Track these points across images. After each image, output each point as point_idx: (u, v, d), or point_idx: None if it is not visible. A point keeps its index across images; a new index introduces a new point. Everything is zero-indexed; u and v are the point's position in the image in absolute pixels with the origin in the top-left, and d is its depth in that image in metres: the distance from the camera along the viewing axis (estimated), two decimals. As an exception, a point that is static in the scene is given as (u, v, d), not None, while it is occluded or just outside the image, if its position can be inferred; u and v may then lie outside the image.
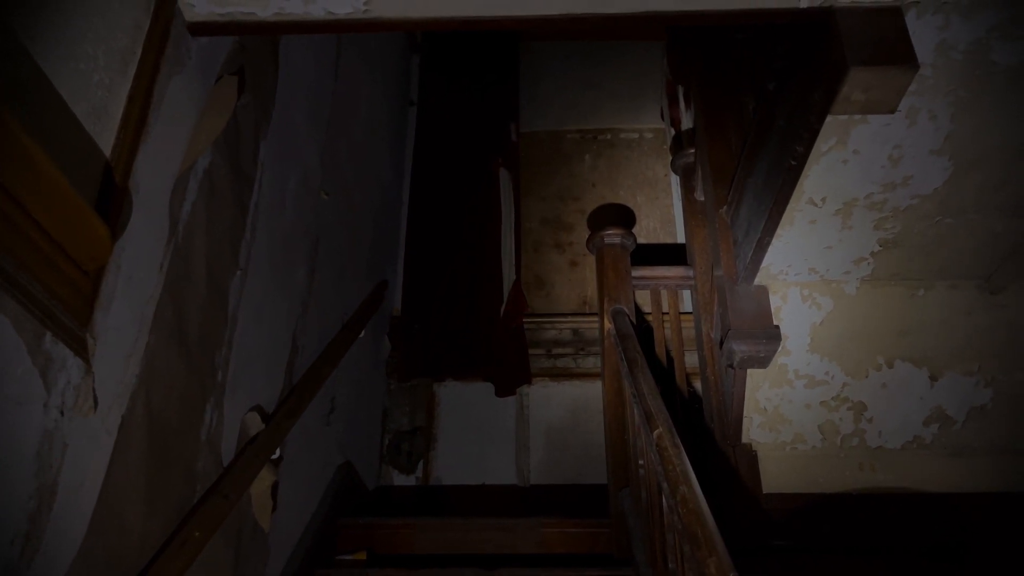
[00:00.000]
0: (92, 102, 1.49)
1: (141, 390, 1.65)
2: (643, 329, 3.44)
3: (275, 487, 2.39)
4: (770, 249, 2.68)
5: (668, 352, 3.44)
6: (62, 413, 1.38)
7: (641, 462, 2.55)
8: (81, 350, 1.44)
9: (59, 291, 1.35)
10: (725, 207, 3.09)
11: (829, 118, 2.05)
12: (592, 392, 4.26)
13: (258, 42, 2.38)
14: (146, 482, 1.68)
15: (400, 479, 4.31)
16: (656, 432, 2.12)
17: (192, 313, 1.92)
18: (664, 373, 3.39)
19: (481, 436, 4.39)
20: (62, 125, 1.40)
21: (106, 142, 1.54)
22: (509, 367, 4.37)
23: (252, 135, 2.34)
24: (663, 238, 4.93)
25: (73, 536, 1.42)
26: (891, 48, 1.82)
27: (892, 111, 1.94)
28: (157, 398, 1.72)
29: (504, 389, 4.38)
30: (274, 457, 2.34)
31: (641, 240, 4.48)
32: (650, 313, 3.53)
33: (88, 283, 1.47)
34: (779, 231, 2.58)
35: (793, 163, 2.27)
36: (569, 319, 4.59)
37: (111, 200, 1.53)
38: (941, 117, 2.11)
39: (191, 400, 1.91)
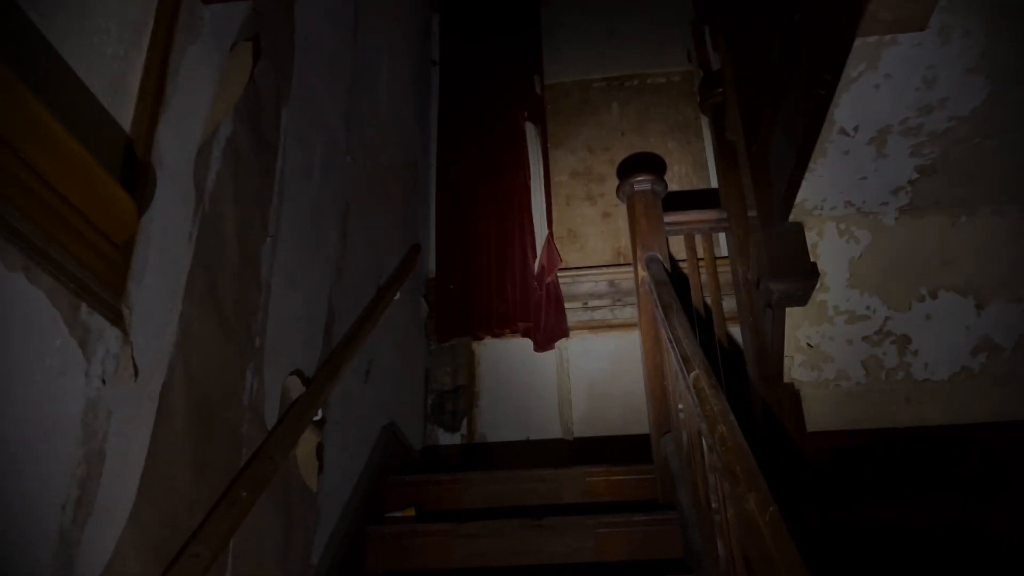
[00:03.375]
0: (108, 76, 1.50)
1: (179, 357, 1.69)
2: (678, 276, 3.41)
3: (320, 448, 2.44)
4: (803, 184, 2.62)
5: (705, 298, 3.40)
6: (104, 382, 1.42)
7: (681, 406, 2.55)
8: (118, 320, 1.47)
9: (91, 263, 1.38)
10: (756, 145, 3.03)
11: (857, 41, 1.98)
12: (631, 343, 4.24)
13: (272, 8, 2.37)
14: (192, 446, 1.72)
15: (446, 438, 4.37)
16: (693, 374, 2.11)
17: (225, 281, 1.95)
18: (702, 319, 3.37)
19: (523, 392, 4.42)
20: (79, 100, 1.42)
21: (125, 115, 1.55)
22: (546, 322, 4.37)
23: (273, 102, 2.34)
24: (696, 184, 4.85)
25: (124, 500, 1.47)
26: (918, -39, 1.75)
27: (923, 28, 1.87)
28: (196, 365, 1.76)
29: (542, 344, 4.39)
30: (316, 419, 2.38)
31: (674, 187, 4.43)
32: (685, 260, 3.49)
33: (119, 255, 1.49)
34: (812, 165, 2.52)
35: (822, 92, 2.21)
36: (604, 271, 4.57)
37: (135, 173, 1.55)
38: (975, 33, 2.02)
39: (230, 366, 1.95)
